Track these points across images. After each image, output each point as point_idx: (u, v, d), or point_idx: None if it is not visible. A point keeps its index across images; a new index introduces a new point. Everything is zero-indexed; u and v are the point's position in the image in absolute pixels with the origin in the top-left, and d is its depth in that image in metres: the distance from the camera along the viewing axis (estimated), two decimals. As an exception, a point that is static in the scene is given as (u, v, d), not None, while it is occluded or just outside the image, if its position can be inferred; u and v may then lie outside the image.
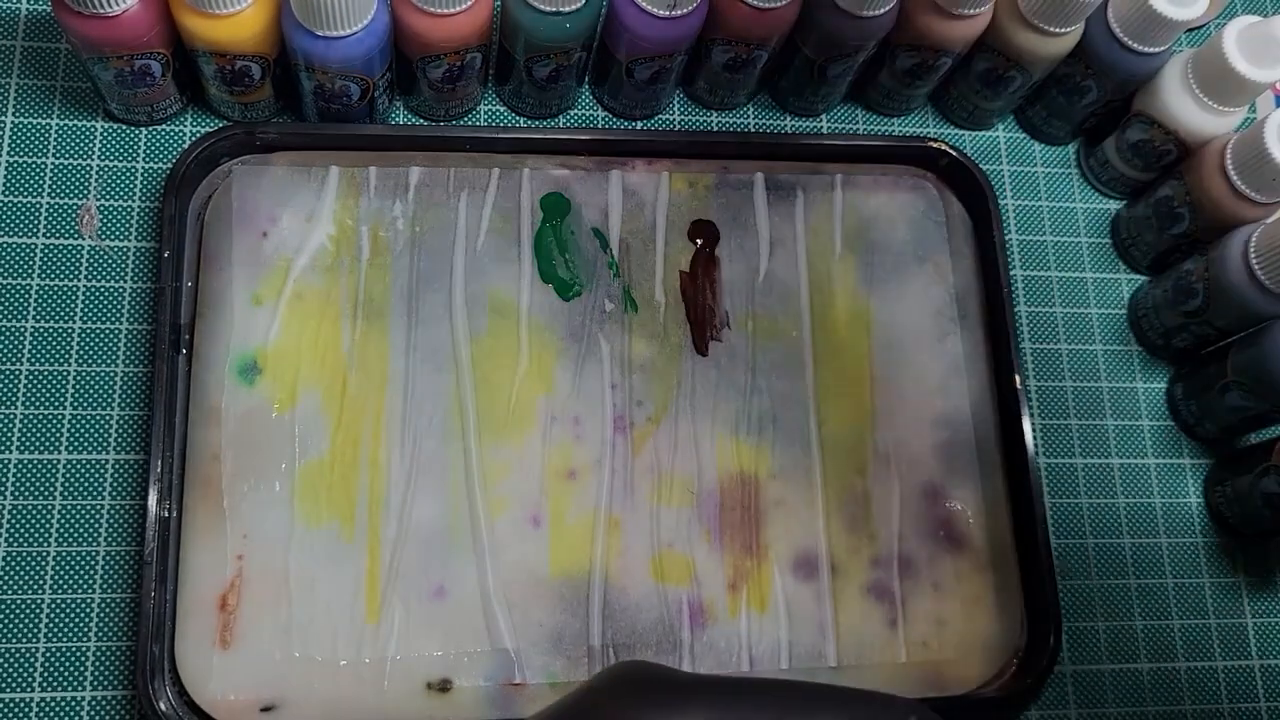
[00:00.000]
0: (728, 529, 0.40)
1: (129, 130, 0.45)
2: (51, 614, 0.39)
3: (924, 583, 0.41)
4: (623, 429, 0.41)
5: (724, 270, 0.44)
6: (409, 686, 0.37)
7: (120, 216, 0.44)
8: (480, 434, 0.40)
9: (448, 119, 0.47)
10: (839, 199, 0.45)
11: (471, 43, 0.41)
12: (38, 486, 0.40)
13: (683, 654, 0.39)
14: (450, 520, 0.39)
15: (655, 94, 0.46)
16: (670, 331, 0.42)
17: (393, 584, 0.38)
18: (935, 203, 0.46)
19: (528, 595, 0.39)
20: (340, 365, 0.40)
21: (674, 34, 0.42)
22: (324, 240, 0.41)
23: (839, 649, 0.40)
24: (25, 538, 0.40)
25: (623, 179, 0.44)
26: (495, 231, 0.43)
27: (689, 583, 0.40)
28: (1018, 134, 0.51)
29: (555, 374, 0.41)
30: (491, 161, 0.43)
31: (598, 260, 0.43)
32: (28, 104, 0.44)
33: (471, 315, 0.41)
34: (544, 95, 0.46)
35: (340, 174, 0.42)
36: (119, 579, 0.40)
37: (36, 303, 0.42)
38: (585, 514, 0.40)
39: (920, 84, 0.48)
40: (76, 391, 0.41)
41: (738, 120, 0.49)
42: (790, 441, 0.42)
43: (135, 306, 0.43)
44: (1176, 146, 0.46)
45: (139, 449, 0.41)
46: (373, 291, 0.41)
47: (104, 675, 0.39)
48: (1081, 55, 0.46)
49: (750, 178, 0.45)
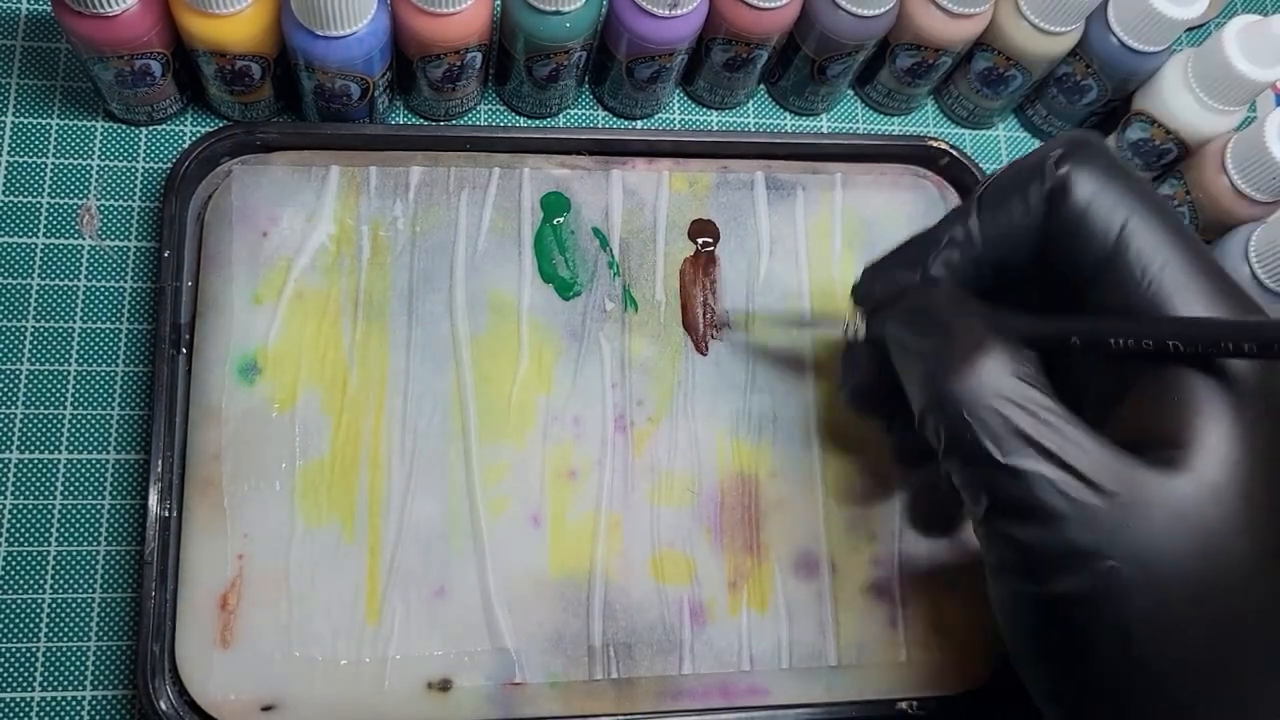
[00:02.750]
0: (728, 528, 0.40)
1: (129, 130, 0.45)
2: (52, 614, 0.39)
3: (924, 581, 0.41)
4: (623, 428, 0.41)
5: (724, 270, 0.44)
6: (409, 686, 0.37)
7: (120, 216, 0.44)
8: (480, 433, 0.40)
9: (448, 119, 0.47)
10: (839, 198, 0.45)
11: (471, 43, 0.41)
12: (38, 486, 0.40)
13: (683, 653, 0.39)
14: (450, 520, 0.39)
15: (655, 94, 0.46)
16: (670, 331, 0.42)
17: (393, 584, 0.38)
18: (935, 202, 0.46)
19: (528, 595, 0.39)
20: (341, 365, 0.40)
21: (674, 34, 0.42)
22: (324, 240, 0.41)
23: (839, 648, 0.40)
24: (25, 537, 0.40)
25: (623, 179, 0.44)
26: (495, 231, 0.43)
27: (689, 582, 0.40)
28: (1018, 133, 0.51)
29: (555, 373, 0.41)
30: (491, 161, 0.43)
31: (598, 260, 0.43)
32: (28, 104, 0.44)
33: (471, 315, 0.41)
34: (544, 95, 0.46)
35: (340, 174, 0.42)
36: (119, 579, 0.40)
37: (37, 303, 0.42)
38: (585, 513, 0.40)
39: (920, 83, 0.48)
40: (77, 391, 0.41)
41: (738, 120, 0.49)
42: (790, 441, 0.42)
43: (135, 306, 0.43)
44: (1176, 146, 0.46)
45: (139, 449, 0.41)
46: (373, 291, 0.41)
47: (104, 675, 0.39)
48: (1081, 54, 0.46)
49: (750, 177, 0.45)
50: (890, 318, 0.32)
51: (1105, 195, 0.29)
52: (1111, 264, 0.29)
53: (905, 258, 0.33)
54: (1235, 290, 0.29)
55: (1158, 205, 0.29)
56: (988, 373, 0.28)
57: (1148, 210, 0.29)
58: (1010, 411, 0.27)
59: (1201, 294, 0.28)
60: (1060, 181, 0.30)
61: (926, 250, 0.33)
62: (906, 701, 0.40)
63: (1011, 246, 0.31)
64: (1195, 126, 0.45)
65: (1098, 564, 0.26)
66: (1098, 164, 0.30)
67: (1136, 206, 0.29)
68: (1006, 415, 0.27)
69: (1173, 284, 0.28)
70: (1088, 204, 0.29)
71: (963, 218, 0.32)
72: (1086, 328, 0.29)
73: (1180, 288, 0.28)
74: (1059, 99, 0.48)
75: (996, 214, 0.31)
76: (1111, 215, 0.29)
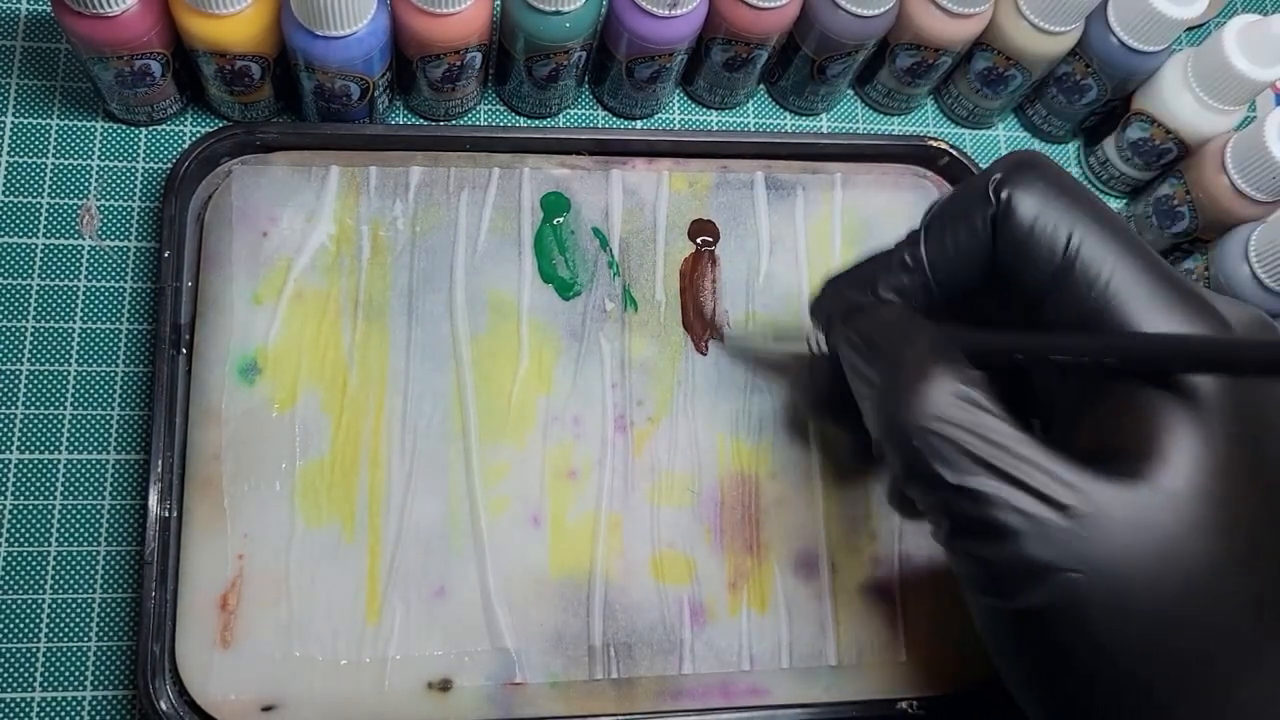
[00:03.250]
0: (728, 528, 0.40)
1: (129, 130, 0.45)
2: (52, 614, 0.39)
3: (924, 581, 0.41)
4: (623, 428, 0.41)
5: (724, 270, 0.44)
6: (409, 686, 0.37)
7: (120, 216, 0.44)
8: (480, 433, 0.40)
9: (448, 119, 0.47)
10: (839, 198, 0.45)
11: (471, 43, 0.42)
12: (38, 486, 0.40)
13: (683, 653, 0.39)
14: (450, 520, 0.39)
15: (655, 94, 0.46)
16: (670, 331, 0.43)
17: (393, 584, 0.38)
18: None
19: (528, 595, 0.39)
20: (341, 365, 0.40)
21: (674, 34, 0.42)
22: (324, 240, 0.41)
23: (839, 648, 0.40)
24: (26, 538, 0.40)
25: (623, 179, 0.44)
26: (495, 231, 0.43)
27: (689, 582, 0.40)
28: (1018, 133, 0.51)
29: (555, 373, 0.41)
30: (491, 161, 0.43)
31: (598, 260, 0.43)
32: (28, 104, 0.44)
33: (471, 315, 0.41)
34: (544, 95, 0.46)
35: (340, 174, 0.42)
36: (119, 579, 0.40)
37: (37, 303, 0.42)
38: (585, 513, 0.40)
39: (920, 83, 0.48)
40: (77, 391, 0.41)
41: (738, 120, 0.49)
42: (790, 441, 0.42)
43: (135, 306, 0.43)
44: (1176, 145, 0.46)
45: (139, 449, 0.41)
46: (373, 291, 0.41)
47: (105, 675, 0.39)
48: (1081, 54, 0.46)
49: (750, 177, 0.45)
50: (840, 338, 0.32)
51: (1048, 214, 0.30)
52: (1060, 279, 0.29)
53: (858, 277, 0.34)
54: (1187, 293, 0.29)
55: (1102, 217, 0.30)
56: (933, 398, 0.28)
57: (1091, 223, 0.29)
58: (957, 434, 0.27)
59: (1151, 299, 0.28)
60: (1003, 205, 0.30)
61: (877, 272, 0.33)
62: (906, 701, 0.40)
63: (961, 271, 0.32)
64: (1195, 126, 0.45)
65: (1057, 577, 0.26)
66: (1038, 184, 0.30)
67: (1079, 220, 0.29)
68: (953, 438, 0.27)
69: (1122, 292, 0.29)
70: (1031, 224, 0.30)
71: (913, 244, 0.32)
72: (1028, 344, 0.29)
73: (1129, 296, 0.28)
74: (1059, 99, 0.48)
75: (942, 242, 0.32)
76: (1056, 232, 0.29)
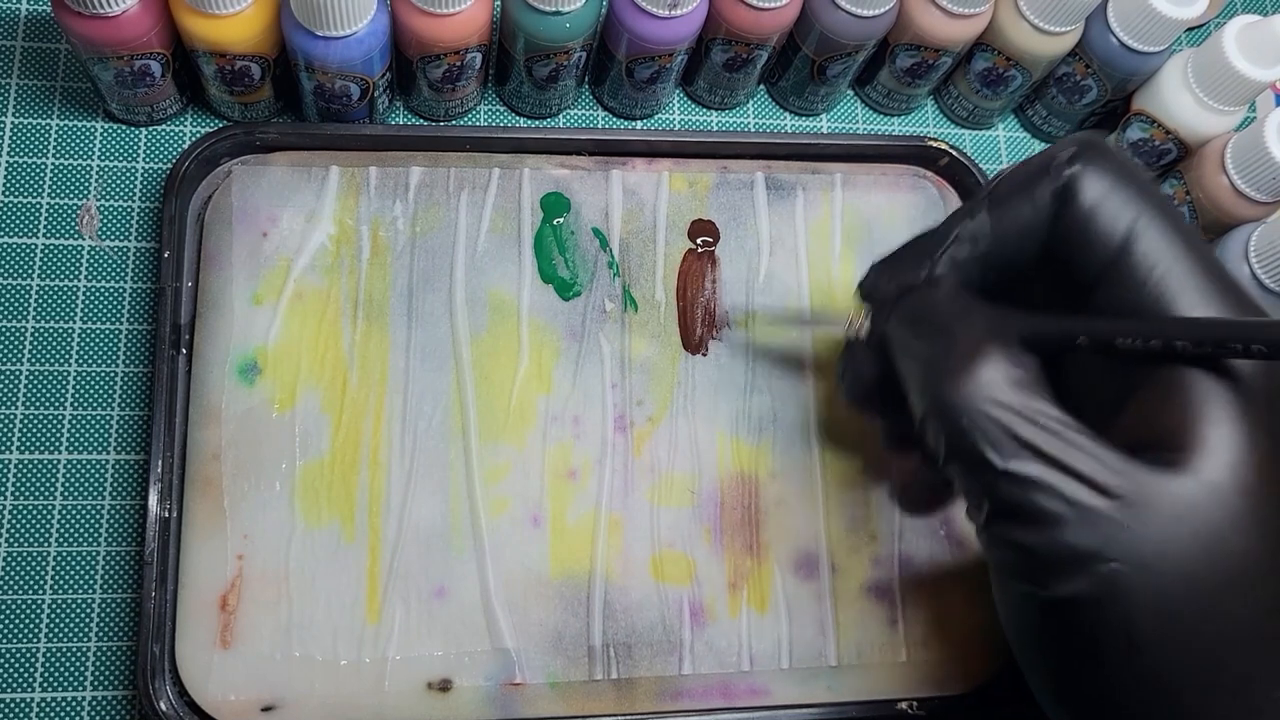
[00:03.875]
0: (728, 529, 0.40)
1: (129, 130, 0.45)
2: (52, 614, 0.39)
3: (924, 582, 0.41)
4: (623, 429, 0.41)
5: (724, 270, 0.44)
6: (409, 686, 0.37)
7: (120, 216, 0.44)
8: (480, 433, 0.40)
9: (447, 119, 0.47)
10: (839, 198, 0.45)
11: (471, 43, 0.42)
12: (38, 487, 0.40)
13: (683, 653, 0.39)
14: (450, 520, 0.39)
15: (655, 94, 0.46)
16: (670, 331, 0.42)
17: (393, 584, 0.38)
18: (935, 202, 0.46)
19: (528, 595, 0.39)
20: (340, 365, 0.40)
21: (674, 34, 0.42)
22: (324, 240, 0.41)
23: (839, 648, 0.40)
24: (26, 538, 0.40)
25: (622, 179, 0.44)
26: (495, 231, 0.43)
27: (689, 582, 0.40)
28: (1018, 133, 0.51)
29: (555, 373, 0.41)
30: (491, 161, 0.43)
31: (598, 260, 0.43)
32: (28, 104, 0.44)
33: (471, 315, 0.41)
34: (544, 95, 0.46)
35: (340, 174, 0.42)
36: (119, 579, 0.40)
37: (36, 303, 0.42)
38: (585, 514, 0.40)
39: (920, 83, 0.48)
40: (77, 391, 0.41)
41: (738, 120, 0.49)
42: (790, 441, 0.42)
43: (135, 306, 0.43)
44: (1176, 146, 0.46)
45: (139, 449, 0.41)
46: (373, 291, 0.41)
47: (104, 675, 0.39)
48: (1081, 54, 0.46)
49: (750, 177, 0.45)
50: (892, 317, 0.32)
51: (1113, 196, 0.29)
52: (1117, 265, 0.29)
53: (912, 255, 0.33)
54: (1239, 293, 0.29)
55: (1164, 208, 0.30)
56: (985, 379, 0.28)
57: (1154, 213, 0.29)
58: (1007, 417, 0.27)
59: (1205, 296, 0.28)
60: (1069, 181, 0.30)
61: (933, 247, 0.32)
62: (906, 701, 0.40)
63: (1018, 245, 0.31)
64: (1195, 126, 0.45)
65: (1099, 566, 0.26)
66: (1107, 165, 0.30)
67: (1144, 208, 0.29)
68: (1004, 421, 0.27)
69: (1177, 285, 0.28)
70: (1095, 204, 0.30)
71: (970, 215, 0.32)
72: (1094, 327, 0.29)
73: (1185, 289, 0.28)
74: (1059, 99, 0.48)
75: (1005, 211, 0.31)
76: (1118, 216, 0.29)
